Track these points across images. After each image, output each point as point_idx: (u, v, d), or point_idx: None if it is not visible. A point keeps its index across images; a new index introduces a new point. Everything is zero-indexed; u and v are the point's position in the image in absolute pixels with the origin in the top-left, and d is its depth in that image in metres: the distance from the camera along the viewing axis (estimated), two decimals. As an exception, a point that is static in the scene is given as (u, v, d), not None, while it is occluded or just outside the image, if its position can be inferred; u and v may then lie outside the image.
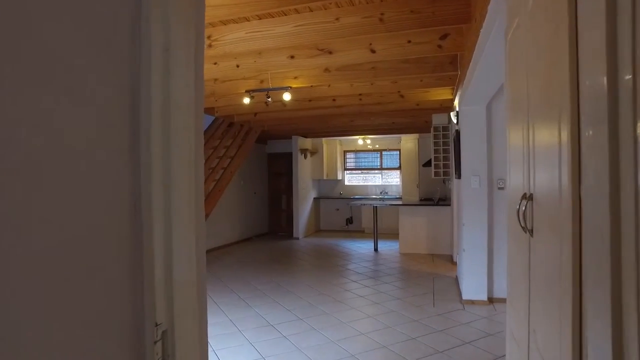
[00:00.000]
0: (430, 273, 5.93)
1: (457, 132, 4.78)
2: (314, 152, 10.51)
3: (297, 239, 9.61)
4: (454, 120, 5.00)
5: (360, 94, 5.51)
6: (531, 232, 1.31)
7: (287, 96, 4.60)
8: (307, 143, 10.21)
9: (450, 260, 6.71)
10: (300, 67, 4.34)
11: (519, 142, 1.50)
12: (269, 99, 4.73)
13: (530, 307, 1.34)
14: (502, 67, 3.06)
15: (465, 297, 4.47)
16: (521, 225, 1.38)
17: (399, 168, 10.65)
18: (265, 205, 10.73)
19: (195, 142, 0.88)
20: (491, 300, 4.47)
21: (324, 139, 10.54)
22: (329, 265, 6.64)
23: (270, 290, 5.16)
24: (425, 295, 4.80)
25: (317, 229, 10.95)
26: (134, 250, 0.77)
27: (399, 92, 5.47)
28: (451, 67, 4.07)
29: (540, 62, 1.18)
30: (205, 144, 6.55)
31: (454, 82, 4.71)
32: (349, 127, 8.45)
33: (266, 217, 10.78)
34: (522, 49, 1.42)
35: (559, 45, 0.96)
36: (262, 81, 4.63)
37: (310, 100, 5.80)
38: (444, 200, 7.86)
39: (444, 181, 8.92)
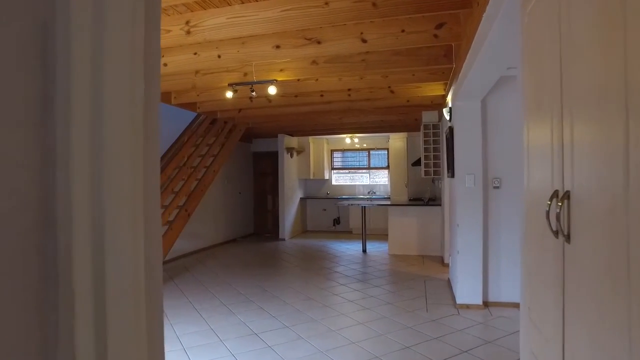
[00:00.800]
0: (421, 275, 5.73)
1: (451, 129, 4.58)
2: (300, 151, 10.26)
3: (283, 240, 9.34)
4: (447, 116, 4.81)
5: (349, 89, 5.29)
6: (567, 237, 1.08)
7: (272, 90, 4.34)
8: (294, 142, 9.95)
9: (441, 262, 6.53)
10: (286, 59, 4.09)
11: (546, 134, 1.27)
12: (254, 93, 4.46)
13: (565, 326, 1.12)
14: (506, 56, 2.88)
15: (459, 301, 4.28)
16: (552, 229, 1.15)
17: (387, 167, 10.47)
18: (250, 206, 10.43)
19: (142, 108, 0.60)
20: (486, 304, 4.28)
21: (310, 138, 10.30)
22: (317, 267, 6.39)
23: (254, 295, 4.88)
24: (418, 300, 4.59)
25: (303, 229, 10.70)
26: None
27: (389, 87, 5.26)
28: (445, 60, 3.87)
29: (593, 41, 0.95)
30: (186, 142, 6.26)
31: (447, 76, 4.51)
32: (336, 125, 8.22)
33: (251, 218, 10.49)
34: (554, 25, 1.19)
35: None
36: (245, 74, 4.36)
37: (296, 96, 5.55)
38: (433, 200, 7.69)
39: (433, 181, 8.77)
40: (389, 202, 9.31)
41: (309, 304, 4.52)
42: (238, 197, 9.72)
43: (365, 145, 10.69)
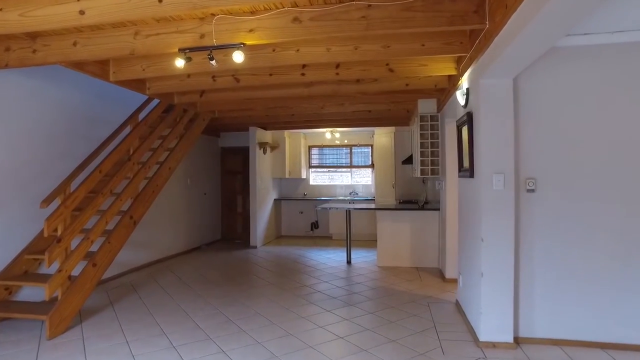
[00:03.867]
0: (422, 296, 4.73)
1: (469, 117, 3.59)
2: (274, 147, 9.13)
3: (255, 247, 8.20)
4: (461, 101, 3.82)
5: (338, 65, 4.23)
6: None
7: (238, 57, 3.21)
8: (267, 136, 8.81)
9: (440, 276, 5.57)
10: (258, 13, 2.99)
11: None
12: (214, 63, 3.33)
13: None
14: (576, 14, 1.89)
15: (483, 337, 3.28)
16: None
17: (372, 166, 9.48)
18: (217, 208, 9.22)
19: None
20: (518, 341, 3.31)
21: (286, 132, 9.18)
22: (294, 286, 5.29)
23: (216, 328, 3.75)
24: (427, 334, 3.57)
25: (278, 234, 9.58)
26: None
27: (387, 65, 4.23)
28: (476, 18, 2.86)
29: None
30: (131, 132, 4.99)
31: (468, 47, 3.51)
32: (316, 116, 7.15)
33: (219, 222, 9.28)
34: None
35: None
36: (202, 36, 3.22)
37: (271, 75, 4.44)
38: (427, 203, 6.73)
39: (423, 181, 7.84)
40: (373, 204, 8.33)
41: (287, 342, 3.43)
42: (203, 199, 8.50)
43: (346, 141, 9.67)
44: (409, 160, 7.19)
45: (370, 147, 9.59)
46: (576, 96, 3.23)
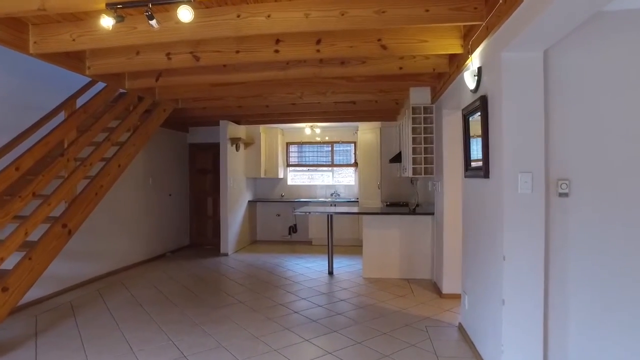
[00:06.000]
0: (418, 317, 4.01)
1: (483, 101, 2.87)
2: (249, 143, 8.30)
3: (226, 255, 7.35)
4: (471, 83, 3.10)
5: (319, 39, 3.46)
6: None
7: (185, 15, 2.41)
8: (240, 131, 7.97)
9: (435, 290, 4.87)
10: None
11: None
12: (154, 23, 2.51)
13: None
14: None
15: (504, 382, 2.57)
16: None
17: (355, 165, 8.75)
18: (185, 211, 8.32)
19: None
20: (546, 385, 2.61)
21: (261, 127, 8.36)
22: (267, 305, 4.50)
23: (162, 370, 2.93)
24: (431, 374, 2.85)
25: (252, 240, 8.75)
26: None
27: (379, 40, 3.48)
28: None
29: None
30: (65, 121, 3.30)
31: (482, 13, 2.80)
32: (295, 108, 6.36)
33: (186, 226, 8.38)
34: None
35: None
36: (139, -14, 2.40)
37: (238, 52, 3.63)
38: (417, 206, 6.04)
39: (412, 181, 7.15)
40: (356, 207, 7.61)
41: (252, 392, 2.64)
42: (168, 201, 7.60)
43: (327, 138, 8.91)
44: (397, 159, 6.48)
45: (353, 145, 8.86)
46: (626, 76, 2.54)
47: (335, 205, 8.01)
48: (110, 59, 3.85)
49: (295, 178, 9.17)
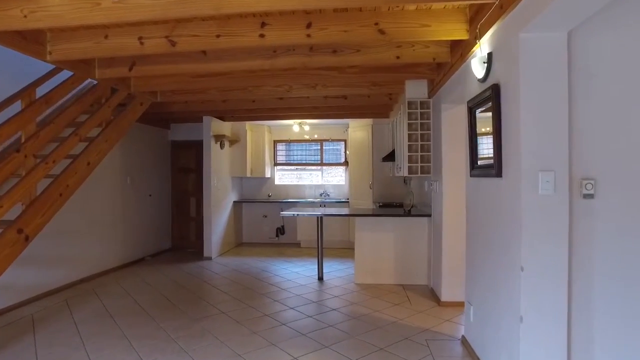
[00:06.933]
0: (416, 329, 3.68)
1: (494, 90, 2.54)
2: (234, 141, 7.89)
3: (209, 259, 6.94)
4: (479, 72, 2.78)
5: (309, 20, 3.10)
6: None
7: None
8: (225, 128, 7.56)
9: (433, 297, 4.55)
10: None
11: None
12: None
13: None
14: None
15: (522, 410, 2.24)
16: None
17: (345, 164, 8.41)
18: (167, 212, 7.88)
19: None
20: (569, 414, 2.29)
21: (248, 124, 7.96)
22: (252, 316, 4.12)
23: (129, 399, 2.54)
24: (437, 400, 2.51)
25: (238, 242, 8.34)
26: None
27: (377, 24, 3.13)
28: None
29: None
30: (21, 113, 2.74)
31: (497, -10, 2.47)
32: (283, 103, 5.99)
33: (169, 228, 7.94)
34: None
35: None
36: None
37: (218, 36, 3.25)
38: (412, 207, 5.71)
39: (405, 181, 6.85)
40: (347, 208, 7.28)
41: None
42: (148, 201, 7.16)
43: (317, 135, 8.55)
44: (390, 157, 6.16)
45: (343, 143, 8.52)
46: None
47: (324, 206, 7.66)
48: (75, 43, 3.43)
49: (283, 177, 8.79)
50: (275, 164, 8.75)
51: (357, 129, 7.70)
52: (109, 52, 3.47)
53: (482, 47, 2.80)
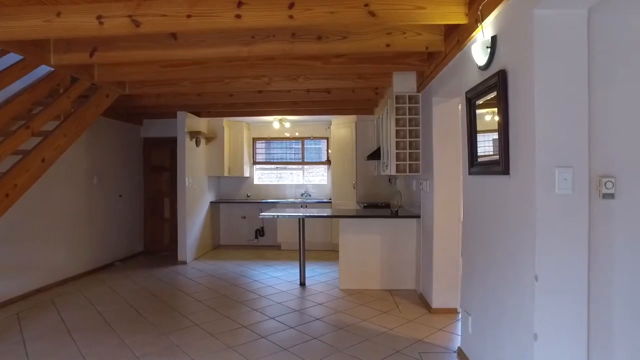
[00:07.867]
0: (407, 339, 3.39)
1: (501, 77, 2.26)
2: (210, 138, 7.48)
3: (184, 263, 6.52)
4: (481, 58, 2.50)
5: (292, 2, 2.76)
6: None
7: None
8: (201, 124, 7.14)
9: (423, 304, 4.27)
10: None
11: None
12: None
13: None
14: None
15: None
16: None
17: (327, 162, 8.09)
18: (138, 214, 7.40)
19: None
20: None
21: (225, 120, 7.56)
22: (229, 328, 3.75)
23: None
24: None
25: (215, 245, 7.93)
26: None
27: (367, 5, 2.81)
28: None
29: None
30: None
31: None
32: (262, 98, 5.62)
33: (140, 230, 7.46)
34: None
35: None
36: None
37: (189, 16, 2.88)
38: (398, 208, 5.44)
39: (390, 180, 6.58)
40: (329, 209, 6.97)
41: None
42: (117, 202, 6.67)
43: (298, 133, 8.20)
44: (375, 155, 5.87)
45: (325, 141, 8.20)
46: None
47: (306, 207, 7.33)
48: (22, 21, 2.99)
49: (263, 177, 8.41)
50: (255, 163, 8.37)
51: (340, 126, 7.40)
52: (62, 32, 3.04)
53: (485, 31, 2.52)
